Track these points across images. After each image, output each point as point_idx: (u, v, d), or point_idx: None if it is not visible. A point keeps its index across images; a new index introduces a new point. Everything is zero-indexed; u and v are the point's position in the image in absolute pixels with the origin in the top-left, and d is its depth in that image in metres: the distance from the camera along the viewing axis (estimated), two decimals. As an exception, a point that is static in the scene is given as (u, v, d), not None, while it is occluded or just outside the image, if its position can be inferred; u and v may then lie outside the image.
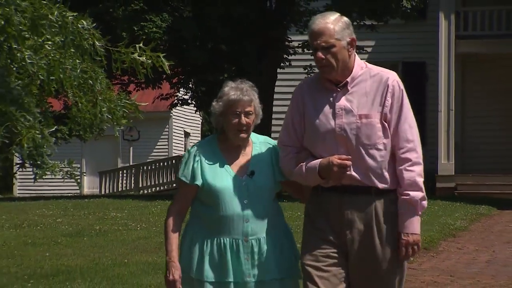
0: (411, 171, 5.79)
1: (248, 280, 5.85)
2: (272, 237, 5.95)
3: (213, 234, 5.90)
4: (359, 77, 5.86)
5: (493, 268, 14.35)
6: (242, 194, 5.88)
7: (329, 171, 5.67)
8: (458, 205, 25.39)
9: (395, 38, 34.29)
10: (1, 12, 6.09)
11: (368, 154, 5.75)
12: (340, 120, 5.78)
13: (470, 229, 20.33)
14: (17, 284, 11.71)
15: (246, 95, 5.89)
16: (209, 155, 5.97)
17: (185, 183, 5.93)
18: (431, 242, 17.04)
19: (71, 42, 6.40)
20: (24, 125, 5.95)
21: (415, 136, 5.86)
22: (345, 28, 5.80)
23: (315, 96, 5.91)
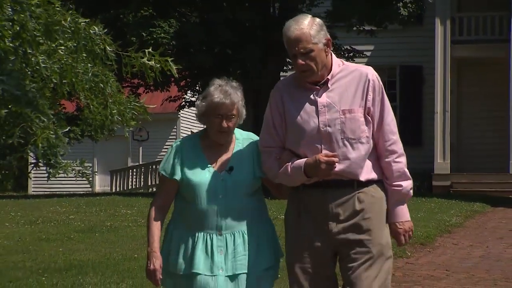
0: (399, 162, 5.78)
1: (219, 273, 5.68)
2: (248, 232, 5.79)
3: (189, 228, 5.78)
4: (338, 74, 5.75)
5: (487, 263, 14.35)
6: (219, 189, 5.74)
7: (316, 169, 5.54)
8: (454, 203, 25.40)
9: (393, 42, 34.29)
10: (16, 18, 6.10)
11: (352, 148, 5.65)
12: (324, 117, 5.66)
13: (465, 226, 20.34)
14: (32, 278, 11.73)
15: (228, 99, 5.72)
16: (191, 151, 5.85)
17: (165, 177, 5.84)
18: (428, 238, 17.06)
19: (83, 47, 6.41)
20: (39, 126, 5.96)
21: (396, 128, 5.86)
22: (319, 31, 5.64)
23: (295, 96, 5.79)
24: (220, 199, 5.71)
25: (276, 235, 5.99)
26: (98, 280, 11.45)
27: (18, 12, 6.09)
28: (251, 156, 5.87)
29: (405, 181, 5.79)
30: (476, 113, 34.71)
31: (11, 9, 6.02)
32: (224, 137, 5.79)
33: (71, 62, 6.33)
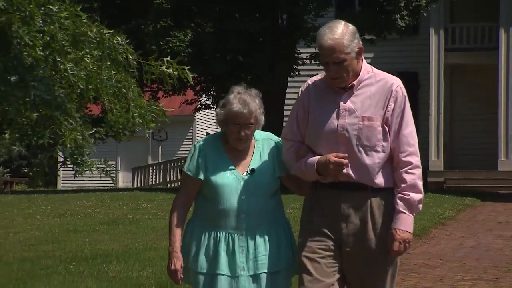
0: (412, 173, 5.42)
1: (241, 273, 5.42)
2: (268, 232, 5.52)
3: (211, 227, 5.51)
4: (365, 81, 5.46)
5: (477, 253, 14.34)
6: (241, 190, 5.47)
7: (326, 168, 5.27)
8: (447, 197, 25.36)
9: (391, 50, 34.22)
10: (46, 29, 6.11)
11: (367, 155, 5.34)
12: (343, 121, 5.36)
13: (457, 218, 20.31)
14: (61, 266, 11.75)
15: (246, 108, 5.42)
16: (213, 151, 5.56)
17: (189, 177, 5.56)
18: (423, 229, 17.04)
19: (107, 56, 6.42)
20: (67, 128, 5.97)
21: (415, 141, 5.49)
22: (353, 40, 5.35)
23: (322, 96, 5.48)
24: (243, 200, 5.46)
25: (293, 234, 5.74)
26: (121, 268, 11.47)
27: (49, 24, 6.10)
28: (271, 157, 5.61)
29: (415, 193, 5.41)
30: (467, 115, 34.66)
31: (42, 21, 6.03)
32: (242, 144, 5.52)
33: (96, 69, 6.35)
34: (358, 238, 5.40)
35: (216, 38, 26.66)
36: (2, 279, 10.97)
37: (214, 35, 27.13)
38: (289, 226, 5.72)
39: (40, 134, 6.04)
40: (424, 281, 11.33)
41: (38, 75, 5.94)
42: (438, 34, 33.48)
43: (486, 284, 11.14)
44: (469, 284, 11.12)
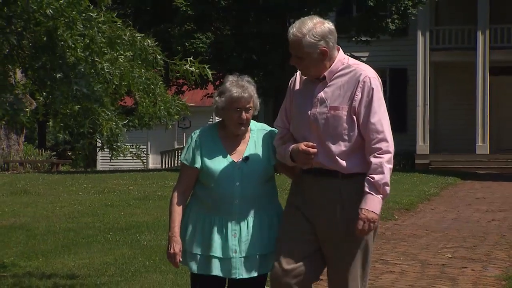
0: (380, 157, 4.83)
1: (233, 255, 5.03)
2: (261, 217, 5.11)
3: (206, 212, 5.10)
4: (339, 72, 4.94)
5: (458, 224, 14.32)
6: (235, 177, 5.05)
7: (297, 156, 4.87)
8: (432, 177, 25.34)
9: (384, 50, 34.15)
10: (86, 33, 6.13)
11: (333, 143, 4.87)
12: (315, 110, 4.92)
13: (441, 195, 20.29)
14: (100, 235, 11.80)
15: (246, 92, 5.05)
16: (209, 141, 5.15)
17: (186, 166, 5.15)
18: (411, 204, 17.04)
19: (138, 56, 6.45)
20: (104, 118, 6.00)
21: (385, 127, 4.94)
22: (316, 41, 4.84)
23: (303, 87, 5.06)
24: (237, 186, 5.04)
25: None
26: (151, 237, 11.52)
27: (88, 28, 6.11)
28: (265, 145, 5.17)
29: (380, 175, 4.83)
30: (449, 106, 34.60)
31: (82, 26, 6.05)
32: (243, 129, 5.12)
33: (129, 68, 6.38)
34: (330, 222, 4.96)
35: (234, 40, 26.66)
36: (50, 246, 11.02)
37: (232, 37, 27.13)
38: (281, 210, 5.29)
39: (81, 123, 6.06)
40: (412, 249, 11.33)
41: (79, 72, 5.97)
42: (425, 35, 33.41)
43: (465, 251, 11.13)
44: (451, 251, 11.11)
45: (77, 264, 9.62)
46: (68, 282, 8.61)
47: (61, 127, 6.35)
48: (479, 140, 32.77)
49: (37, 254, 10.33)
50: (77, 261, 9.84)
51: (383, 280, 9.06)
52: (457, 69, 33.92)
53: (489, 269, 9.78)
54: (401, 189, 19.99)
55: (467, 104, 33.56)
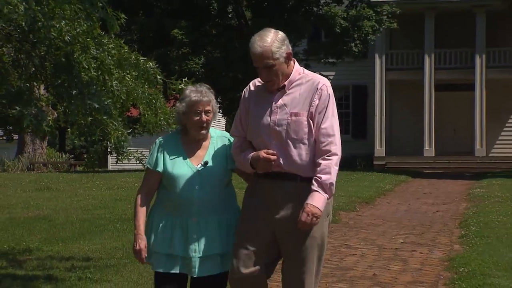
0: (329, 159, 4.46)
1: (193, 255, 4.59)
2: (219, 218, 4.66)
3: (168, 214, 4.66)
4: (296, 81, 4.58)
5: (409, 214, 14.37)
6: (195, 181, 4.60)
7: (257, 163, 4.46)
8: (387, 175, 25.39)
9: (348, 70, 34.21)
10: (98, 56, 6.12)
11: (295, 147, 4.48)
12: (275, 117, 4.50)
13: (395, 190, 20.34)
14: (110, 225, 11.77)
15: (205, 96, 4.65)
16: (172, 146, 4.71)
17: (150, 169, 4.71)
18: (370, 198, 17.07)
19: (142, 76, 6.44)
20: (112, 128, 5.98)
21: (335, 132, 4.55)
22: (281, 46, 4.49)
23: (259, 96, 4.63)
24: (196, 189, 4.60)
25: None
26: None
27: (100, 52, 6.11)
28: (224, 151, 4.74)
29: (326, 175, 4.46)
30: (402, 116, 34.68)
31: (95, 50, 6.04)
32: (203, 133, 4.69)
33: (134, 85, 6.36)
34: (289, 223, 4.49)
35: (222, 62, 26.68)
36: (68, 233, 10.99)
37: (221, 59, 27.14)
38: (240, 212, 4.82)
39: (93, 132, 6.05)
40: (371, 235, 11.35)
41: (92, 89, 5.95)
42: (381, 57, 33.52)
43: (414, 237, 11.16)
44: (403, 237, 11.13)
45: (91, 249, 9.59)
46: (84, 263, 8.59)
47: (77, 134, 6.36)
48: (426, 145, 32.90)
49: (57, 240, 10.31)
50: (91, 246, 9.82)
51: (347, 261, 9.07)
52: (408, 86, 34.03)
53: (434, 252, 9.82)
54: (362, 186, 20.04)
55: (416, 115, 33.68)
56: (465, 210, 15.02)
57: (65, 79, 6.06)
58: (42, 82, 6.68)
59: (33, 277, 7.84)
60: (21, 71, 6.48)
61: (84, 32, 6.00)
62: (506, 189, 19.81)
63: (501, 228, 11.82)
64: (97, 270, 8.08)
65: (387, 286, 7.61)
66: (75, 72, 5.99)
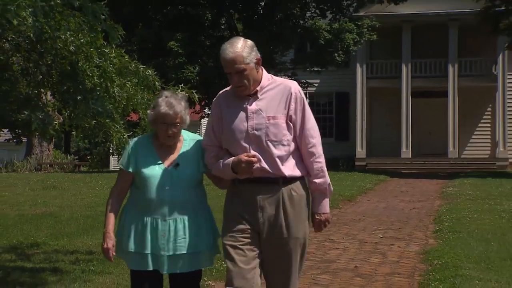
0: (319, 162, 4.37)
1: (162, 253, 4.37)
2: (189, 218, 4.42)
3: (140, 213, 4.43)
4: (267, 86, 4.38)
5: (387, 211, 14.41)
6: (166, 181, 4.38)
7: (239, 167, 4.22)
8: (368, 175, 25.47)
9: (331, 78, 34.27)
10: (101, 64, 6.10)
11: (275, 148, 4.28)
12: (252, 122, 4.30)
13: (375, 189, 20.40)
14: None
15: (172, 110, 4.37)
16: (144, 148, 4.48)
17: (122, 169, 4.52)
18: (352, 196, 17.12)
19: (141, 83, 6.41)
20: (114, 131, 5.95)
21: (317, 133, 4.44)
22: (251, 52, 4.30)
23: (231, 104, 4.40)
24: (167, 190, 4.38)
25: (214, 219, 4.63)
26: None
27: (102, 61, 6.09)
28: (195, 154, 4.51)
29: (323, 179, 4.39)
30: (381, 121, 34.76)
31: (98, 59, 6.02)
32: (171, 141, 4.45)
33: (134, 92, 6.33)
34: (273, 225, 4.32)
35: (216, 70, 26.66)
36: (73, 229, 10.96)
37: (215, 68, 27.13)
38: (210, 213, 4.63)
39: (96, 134, 6.02)
40: (353, 230, 11.37)
41: (96, 95, 5.93)
42: (362, 67, 33.58)
43: (393, 232, 11.19)
44: (382, 232, 11.16)
45: (93, 243, 9.56)
46: (87, 257, 8.56)
47: (81, 137, 6.33)
48: (403, 147, 32.97)
49: (62, 236, 10.28)
50: (94, 240, 9.79)
51: (330, 255, 9.08)
52: (386, 92, 34.12)
53: (411, 246, 9.84)
54: (344, 185, 20.07)
55: (394, 119, 33.77)
56: (439, 207, 15.08)
57: (70, 86, 6.04)
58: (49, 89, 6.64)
59: (40, 269, 7.82)
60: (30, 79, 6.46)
61: (88, 43, 5.98)
62: (476, 188, 19.89)
63: (472, 223, 11.86)
64: (100, 263, 8.05)
65: (367, 278, 7.62)
66: (80, 79, 5.97)
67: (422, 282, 7.29)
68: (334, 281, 7.44)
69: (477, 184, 21.51)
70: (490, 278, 7.31)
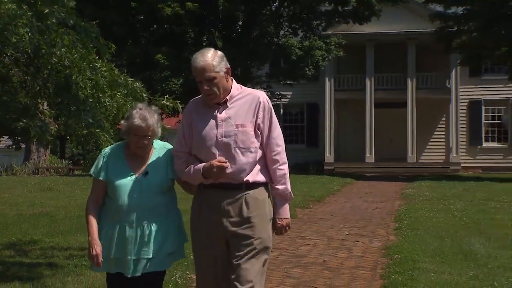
0: (282, 169, 4.14)
1: (129, 257, 4.11)
2: (157, 224, 4.16)
3: (111, 220, 4.16)
4: (236, 96, 4.14)
5: (353, 210, 14.42)
6: (135, 189, 4.12)
7: (210, 172, 3.99)
8: (335, 178, 25.53)
9: (303, 90, 34.38)
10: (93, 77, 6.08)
11: (243, 155, 4.05)
12: (221, 129, 4.06)
13: (342, 191, 20.42)
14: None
15: (145, 123, 4.13)
16: (115, 157, 4.23)
17: (94, 178, 4.24)
18: (321, 197, 17.12)
19: (130, 94, 6.39)
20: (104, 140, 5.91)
21: (282, 141, 4.22)
22: (221, 62, 4.08)
23: (201, 112, 4.16)
24: (135, 197, 4.12)
25: (183, 224, 4.36)
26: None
27: (94, 74, 6.07)
28: (165, 161, 4.24)
29: (284, 185, 4.16)
30: (347, 129, 34.93)
31: (90, 73, 6.00)
32: (141, 151, 4.20)
33: (123, 102, 6.30)
34: (237, 228, 4.07)
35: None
36: (67, 227, 10.86)
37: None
38: (179, 217, 4.35)
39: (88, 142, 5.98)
40: (322, 228, 11.37)
41: (88, 106, 5.90)
42: (330, 80, 33.71)
43: (358, 229, 11.20)
44: (348, 230, 11.17)
45: (86, 240, 9.33)
46: (80, 253, 8.48)
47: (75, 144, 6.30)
48: (367, 153, 33.13)
49: (57, 233, 10.18)
50: (86, 238, 9.59)
51: (301, 250, 9.08)
52: (352, 103, 34.28)
53: (374, 242, 9.86)
54: (314, 187, 20.10)
55: (359, 128, 33.93)
56: (399, 207, 15.12)
57: (64, 96, 6.01)
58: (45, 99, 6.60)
59: (36, 264, 7.74)
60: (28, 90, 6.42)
61: (81, 58, 5.95)
62: (432, 189, 20.01)
63: (428, 222, 11.92)
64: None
65: (334, 271, 7.63)
66: (73, 91, 5.94)
67: (384, 274, 7.31)
68: (305, 274, 7.44)
69: (433, 186, 21.63)
70: (443, 271, 7.35)
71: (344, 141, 34.83)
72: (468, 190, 19.88)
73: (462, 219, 12.37)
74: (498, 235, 10.19)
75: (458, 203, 15.46)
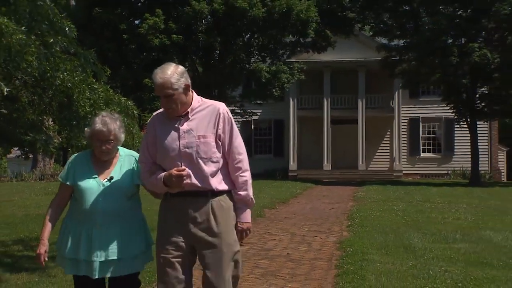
0: (244, 176, 3.74)
1: (95, 259, 3.72)
2: (121, 226, 3.79)
3: (77, 223, 3.81)
4: (197, 108, 3.73)
5: (313, 210, 14.42)
6: (100, 193, 3.77)
7: (170, 181, 3.59)
8: (298, 183, 25.55)
9: (270, 108, 34.39)
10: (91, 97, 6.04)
11: (205, 164, 3.65)
12: (184, 141, 3.65)
13: (303, 194, 20.43)
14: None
15: (106, 127, 3.79)
16: (82, 163, 3.87)
17: (61, 182, 3.89)
18: (286, 199, 17.11)
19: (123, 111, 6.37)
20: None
21: (244, 150, 3.79)
22: (180, 78, 3.63)
23: (164, 124, 3.74)
24: (100, 201, 3.76)
25: (148, 227, 3.98)
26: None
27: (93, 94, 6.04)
28: (130, 168, 3.88)
29: (246, 191, 3.75)
30: (308, 141, 35.05)
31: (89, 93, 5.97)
32: (105, 156, 3.84)
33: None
34: (205, 234, 3.68)
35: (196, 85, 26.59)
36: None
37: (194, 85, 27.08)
38: (144, 221, 3.98)
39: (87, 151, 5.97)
40: (286, 225, 11.37)
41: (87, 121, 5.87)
42: (294, 100, 33.80)
43: (316, 227, 11.22)
44: (308, 227, 11.19)
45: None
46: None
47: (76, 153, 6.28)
48: (325, 161, 33.26)
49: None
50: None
51: (269, 244, 9.07)
52: (312, 120, 34.41)
53: (330, 237, 9.89)
54: (280, 191, 20.10)
55: (318, 140, 34.06)
56: (351, 207, 15.18)
57: (67, 113, 5.97)
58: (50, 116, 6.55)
59: (41, 257, 7.64)
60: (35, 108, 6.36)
61: (81, 80, 5.93)
62: (379, 193, 20.15)
63: (375, 220, 12.00)
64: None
65: (297, 262, 7.63)
66: (74, 108, 5.91)
67: (338, 264, 7.34)
68: (271, 265, 7.44)
69: (380, 190, 21.78)
70: (388, 261, 7.41)
71: (306, 152, 34.95)
72: (408, 193, 20.06)
73: (403, 218, 12.48)
74: (433, 231, 10.30)
75: (400, 204, 15.58)
